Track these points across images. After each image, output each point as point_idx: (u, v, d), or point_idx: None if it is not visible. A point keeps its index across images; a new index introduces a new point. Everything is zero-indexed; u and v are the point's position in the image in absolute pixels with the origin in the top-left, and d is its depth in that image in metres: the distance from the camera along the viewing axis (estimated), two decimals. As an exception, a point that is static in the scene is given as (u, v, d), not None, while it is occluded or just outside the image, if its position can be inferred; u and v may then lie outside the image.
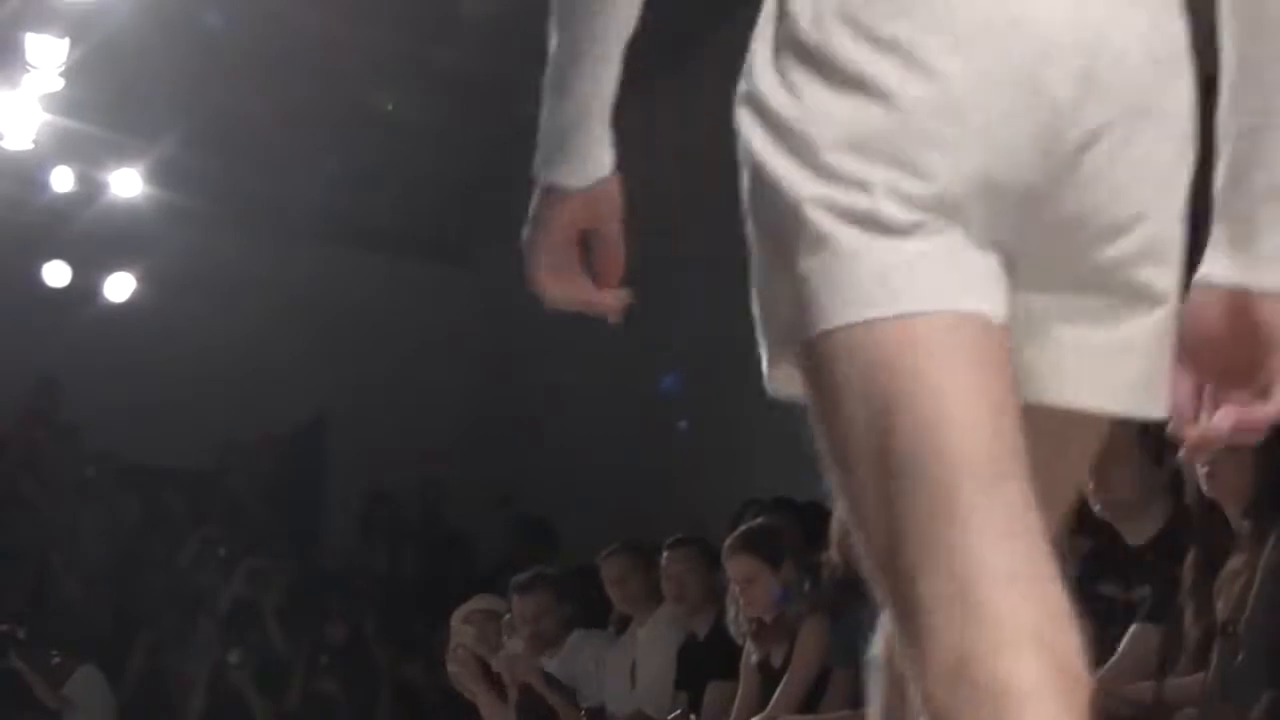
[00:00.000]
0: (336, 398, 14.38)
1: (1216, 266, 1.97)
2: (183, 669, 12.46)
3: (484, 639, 8.20)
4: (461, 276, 14.96)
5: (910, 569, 1.75)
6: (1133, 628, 4.78)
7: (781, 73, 1.88)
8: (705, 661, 7.14)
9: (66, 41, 9.12)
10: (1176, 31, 1.90)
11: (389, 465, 13.78)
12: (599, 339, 12.43)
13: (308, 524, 14.68)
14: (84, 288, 11.98)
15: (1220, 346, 1.95)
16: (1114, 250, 1.88)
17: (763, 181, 1.88)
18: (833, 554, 6.40)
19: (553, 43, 2.12)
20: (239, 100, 11.13)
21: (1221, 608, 4.41)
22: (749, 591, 6.55)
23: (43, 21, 9.04)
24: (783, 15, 1.91)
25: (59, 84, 9.37)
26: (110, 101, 10.42)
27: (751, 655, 6.67)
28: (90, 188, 11.08)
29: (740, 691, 6.68)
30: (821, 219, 1.81)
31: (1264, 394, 1.94)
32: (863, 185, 1.80)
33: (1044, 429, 1.87)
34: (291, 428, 14.52)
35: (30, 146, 10.01)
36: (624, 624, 8.06)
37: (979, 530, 1.73)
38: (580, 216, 2.15)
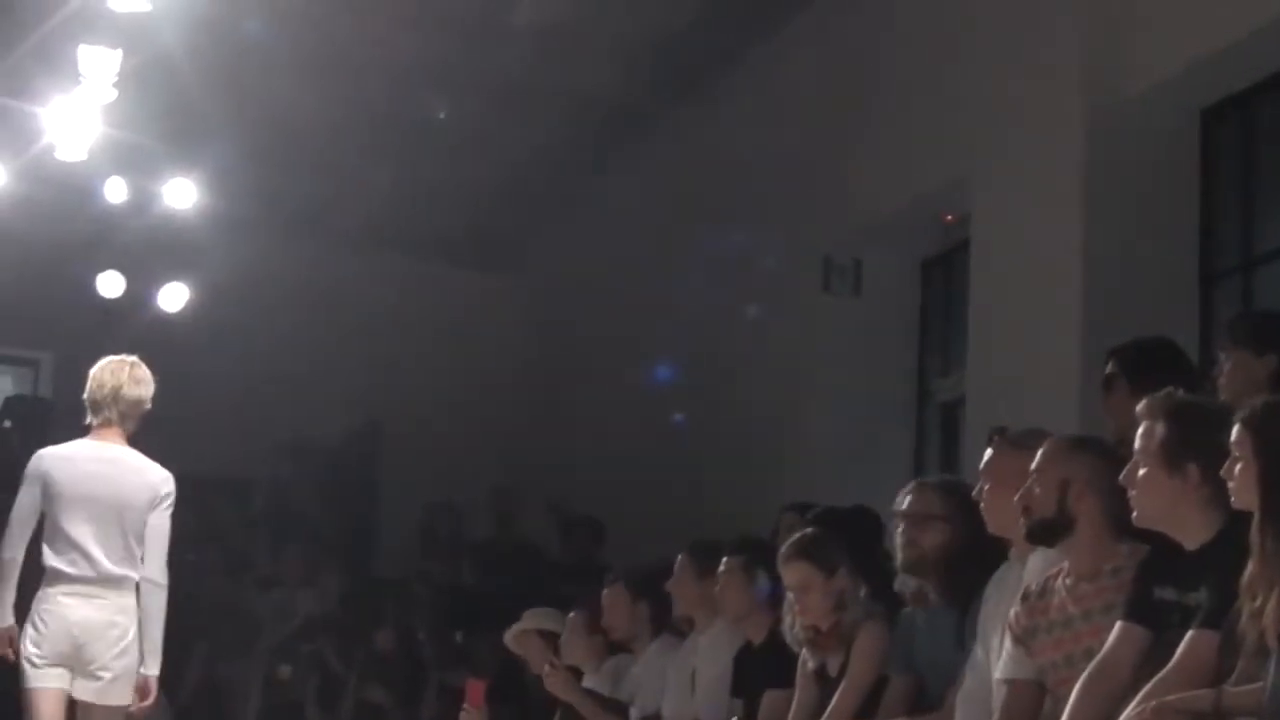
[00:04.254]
0: (389, 404, 14.41)
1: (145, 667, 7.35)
2: (237, 676, 12.48)
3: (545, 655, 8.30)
4: (512, 284, 14.97)
5: None
6: (1189, 634, 4.73)
7: None
8: (761, 669, 7.12)
9: (120, 53, 9.15)
10: (128, 621, 7.31)
11: (442, 472, 13.80)
12: (648, 344, 12.42)
13: (361, 530, 14.69)
14: (138, 297, 12.01)
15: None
16: (94, 666, 7.25)
17: None
18: (895, 559, 6.35)
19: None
20: (292, 110, 11.16)
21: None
22: (803, 599, 6.53)
23: (96, 32, 9.08)
24: None
25: (113, 95, 9.39)
26: (164, 112, 10.46)
27: (808, 663, 6.64)
28: (144, 198, 11.11)
29: (796, 699, 6.65)
30: None
31: None
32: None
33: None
34: (345, 435, 14.54)
35: (84, 157, 10.05)
36: (657, 630, 8.12)
37: None
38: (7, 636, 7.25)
